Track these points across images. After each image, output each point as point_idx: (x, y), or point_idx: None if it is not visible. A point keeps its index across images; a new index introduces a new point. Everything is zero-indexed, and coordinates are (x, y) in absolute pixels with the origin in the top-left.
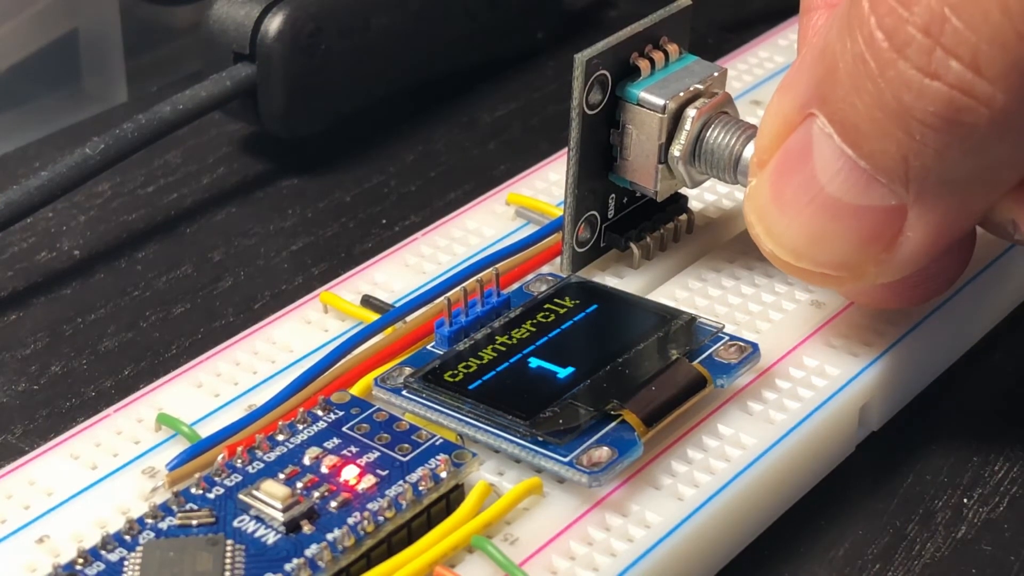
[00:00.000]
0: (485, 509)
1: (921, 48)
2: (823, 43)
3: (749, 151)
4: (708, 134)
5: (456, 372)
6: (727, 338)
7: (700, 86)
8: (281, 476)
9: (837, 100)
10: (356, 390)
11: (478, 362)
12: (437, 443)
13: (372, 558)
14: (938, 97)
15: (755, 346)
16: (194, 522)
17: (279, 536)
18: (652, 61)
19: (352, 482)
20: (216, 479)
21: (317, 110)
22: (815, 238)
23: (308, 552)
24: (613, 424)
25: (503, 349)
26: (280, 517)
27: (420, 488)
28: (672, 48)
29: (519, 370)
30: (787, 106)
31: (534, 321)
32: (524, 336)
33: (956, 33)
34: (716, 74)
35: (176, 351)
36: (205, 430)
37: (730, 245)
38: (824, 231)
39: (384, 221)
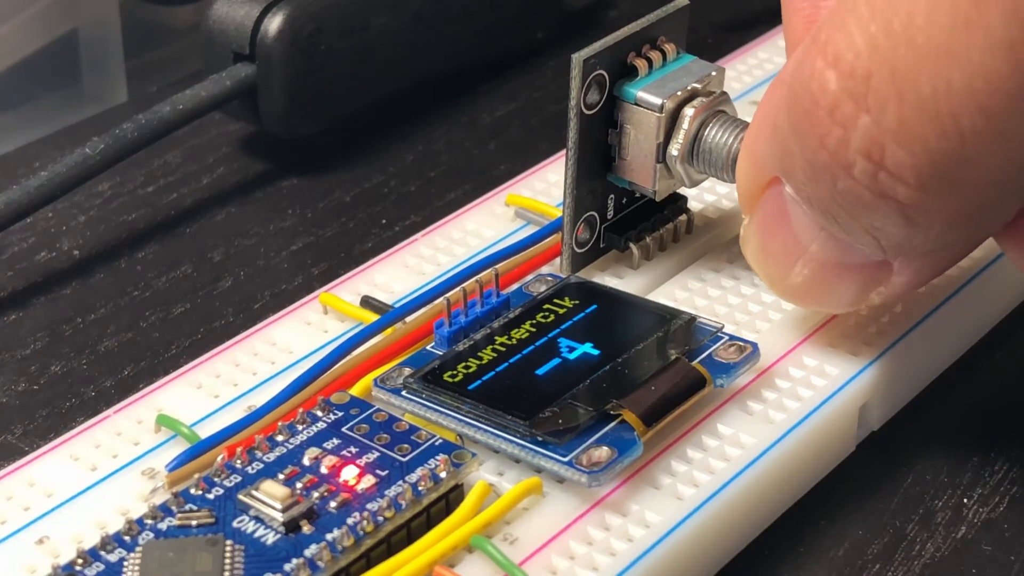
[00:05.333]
0: (485, 509)
1: (865, 171)
2: (774, 118)
3: None
4: (706, 133)
5: (456, 372)
6: (727, 338)
7: (698, 85)
8: (280, 476)
9: (798, 183)
10: (356, 391)
11: (477, 362)
12: (437, 443)
13: (372, 558)
14: (891, 211)
15: (755, 346)
16: (194, 522)
17: (278, 536)
18: (649, 61)
19: (352, 482)
20: (216, 480)
21: (317, 110)
22: (811, 290)
23: (307, 552)
24: (613, 424)
25: (502, 350)
26: (280, 517)
27: (420, 488)
28: (669, 48)
29: (519, 370)
30: (755, 170)
31: (533, 321)
32: (523, 336)
33: (897, 159)
34: (713, 73)
35: (176, 351)
36: (205, 431)
37: (730, 245)
38: (817, 284)
39: (384, 221)
